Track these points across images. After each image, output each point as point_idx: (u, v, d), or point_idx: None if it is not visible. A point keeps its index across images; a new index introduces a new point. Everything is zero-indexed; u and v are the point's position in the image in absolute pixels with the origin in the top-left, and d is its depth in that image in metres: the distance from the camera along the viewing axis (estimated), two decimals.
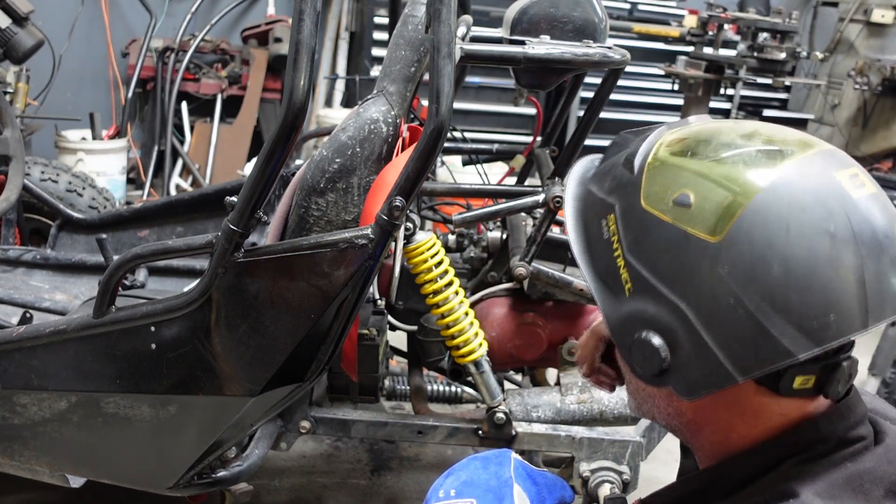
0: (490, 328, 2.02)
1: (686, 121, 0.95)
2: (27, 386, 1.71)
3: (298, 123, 1.40)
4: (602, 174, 0.97)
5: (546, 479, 0.98)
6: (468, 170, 3.26)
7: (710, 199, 0.81)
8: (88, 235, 2.69)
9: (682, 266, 0.82)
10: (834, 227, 0.78)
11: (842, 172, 0.82)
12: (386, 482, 2.60)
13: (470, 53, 1.72)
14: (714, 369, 0.81)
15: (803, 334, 0.77)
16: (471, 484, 0.96)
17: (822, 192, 0.80)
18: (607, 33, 1.97)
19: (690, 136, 0.89)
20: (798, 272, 0.77)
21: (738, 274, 0.79)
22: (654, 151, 0.90)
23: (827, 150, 0.85)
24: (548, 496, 0.96)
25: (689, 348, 0.82)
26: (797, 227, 0.78)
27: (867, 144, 5.84)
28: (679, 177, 0.85)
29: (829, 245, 0.78)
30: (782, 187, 0.80)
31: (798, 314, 0.77)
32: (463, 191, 2.46)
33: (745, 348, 0.79)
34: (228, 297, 1.54)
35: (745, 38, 4.97)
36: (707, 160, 0.84)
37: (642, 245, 0.86)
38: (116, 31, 5.00)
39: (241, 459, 1.80)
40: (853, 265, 0.78)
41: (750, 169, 0.82)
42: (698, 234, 0.81)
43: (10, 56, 2.84)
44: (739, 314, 0.79)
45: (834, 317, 0.77)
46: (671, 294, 0.83)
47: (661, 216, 0.85)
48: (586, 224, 0.96)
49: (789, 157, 0.82)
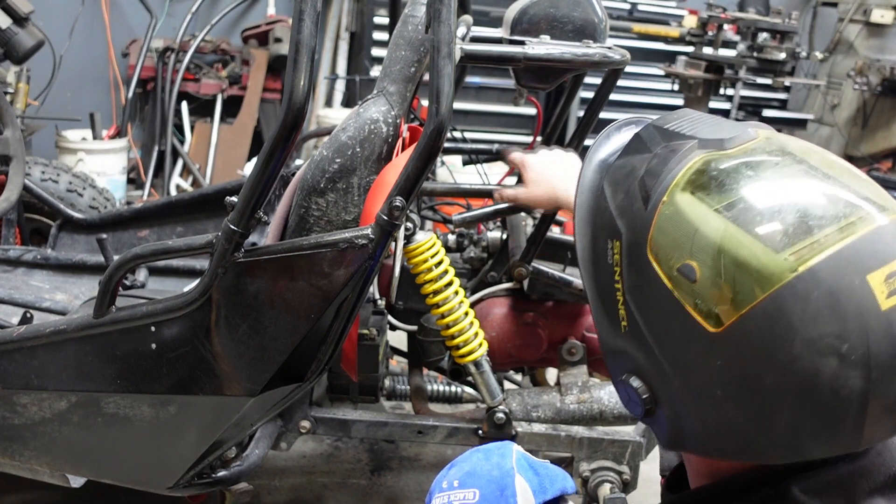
0: (490, 328, 2.02)
1: (739, 134, 0.79)
2: (27, 386, 1.71)
3: (298, 123, 1.40)
4: (619, 176, 0.86)
5: (548, 471, 0.98)
6: (468, 170, 3.26)
7: (716, 285, 0.72)
8: (89, 235, 2.69)
9: (677, 339, 0.75)
10: (847, 347, 0.68)
11: (879, 272, 0.69)
12: (386, 482, 2.60)
13: (470, 53, 1.72)
14: (693, 439, 0.79)
15: (785, 447, 0.73)
16: (473, 475, 0.96)
17: (844, 302, 0.68)
18: (607, 33, 1.97)
19: (728, 173, 0.75)
20: (793, 389, 0.70)
21: (731, 372, 0.72)
22: (671, 188, 0.77)
23: (877, 230, 0.71)
24: (549, 487, 0.96)
25: (672, 412, 0.79)
26: (803, 341, 0.69)
27: (867, 145, 5.85)
28: (689, 239, 0.74)
29: (835, 367, 0.69)
30: (801, 287, 0.69)
31: (784, 428, 0.72)
32: (463, 191, 2.46)
33: (725, 437, 0.76)
34: (228, 297, 1.54)
35: (745, 38, 4.98)
36: (731, 220, 0.72)
37: (642, 294, 0.79)
38: (117, 31, 5.01)
39: (241, 459, 1.80)
40: (859, 389, 0.69)
41: (772, 255, 0.70)
42: (696, 316, 0.73)
43: (10, 56, 2.85)
44: (726, 408, 0.74)
45: (823, 436, 0.71)
46: (662, 357, 0.77)
47: (662, 277, 0.75)
48: (595, 231, 0.88)
49: (828, 243, 0.69)
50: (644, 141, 0.85)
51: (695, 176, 0.76)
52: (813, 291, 0.69)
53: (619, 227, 0.82)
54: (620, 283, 0.81)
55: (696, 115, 0.86)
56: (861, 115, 5.82)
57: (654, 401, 0.80)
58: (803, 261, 0.69)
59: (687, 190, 0.76)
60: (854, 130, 5.87)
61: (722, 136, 0.78)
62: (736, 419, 0.74)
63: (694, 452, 0.81)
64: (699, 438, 0.78)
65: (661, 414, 0.80)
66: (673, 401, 0.78)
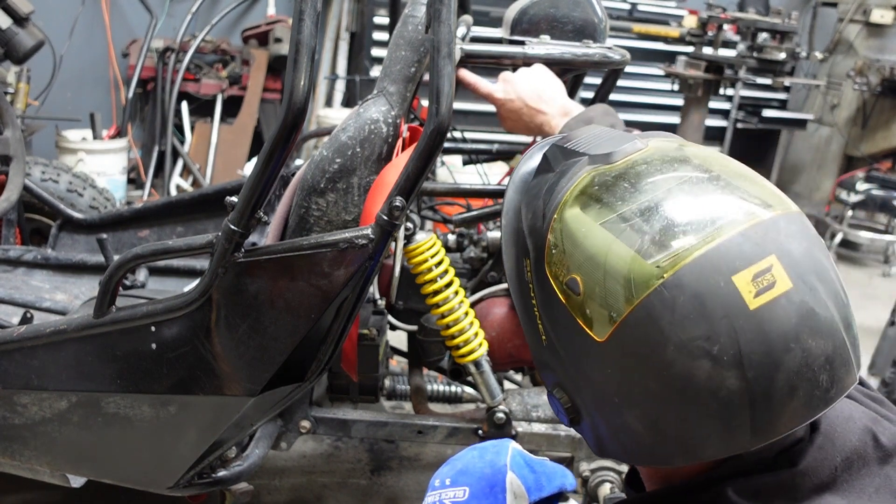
0: (490, 328, 2.02)
1: (625, 146, 0.81)
2: (27, 386, 1.71)
3: (298, 123, 1.40)
4: (530, 197, 0.88)
5: (545, 468, 0.98)
6: (468, 170, 3.26)
7: (596, 296, 0.74)
8: (89, 235, 2.69)
9: (577, 350, 0.78)
10: (717, 348, 0.69)
11: (746, 272, 0.70)
12: (386, 482, 2.60)
13: (470, 53, 1.72)
14: (611, 446, 0.81)
15: (682, 450, 0.74)
16: (465, 473, 0.97)
17: (710, 304, 0.70)
18: (607, 33, 1.97)
19: (608, 187, 0.77)
20: (674, 393, 0.71)
21: (621, 380, 0.74)
22: (560, 205, 0.80)
23: (745, 232, 0.71)
24: (546, 484, 0.96)
25: (590, 421, 0.81)
26: (675, 345, 0.70)
27: (866, 145, 5.84)
28: (574, 252, 0.77)
29: (708, 368, 0.70)
30: (668, 293, 0.70)
31: (676, 431, 0.73)
32: (463, 191, 2.46)
33: (632, 444, 0.78)
34: (228, 297, 1.54)
35: (745, 38, 4.98)
36: (610, 232, 0.74)
37: (548, 310, 0.81)
38: (117, 31, 5.01)
39: (242, 459, 1.80)
40: (737, 388, 0.70)
41: (642, 264, 0.72)
42: (585, 328, 0.75)
43: (10, 56, 2.84)
44: (625, 415, 0.76)
45: (714, 437, 0.72)
46: (572, 368, 0.79)
47: (557, 292, 0.78)
48: (516, 251, 0.90)
49: (694, 248, 0.71)
50: (549, 161, 0.89)
51: (581, 191, 0.79)
52: (679, 296, 0.70)
53: (528, 245, 0.85)
54: (535, 299, 0.84)
55: (598, 131, 0.88)
56: (861, 115, 5.82)
57: (576, 410, 0.82)
58: (669, 267, 0.71)
59: (574, 205, 0.79)
60: (854, 130, 5.87)
61: (608, 150, 0.81)
62: (635, 426, 0.76)
63: (615, 459, 0.83)
64: (614, 446, 0.80)
65: (584, 423, 0.83)
66: (588, 410, 0.81)
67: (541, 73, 1.72)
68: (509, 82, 1.71)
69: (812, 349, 0.71)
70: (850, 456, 0.79)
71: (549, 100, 1.66)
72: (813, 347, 0.71)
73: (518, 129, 1.73)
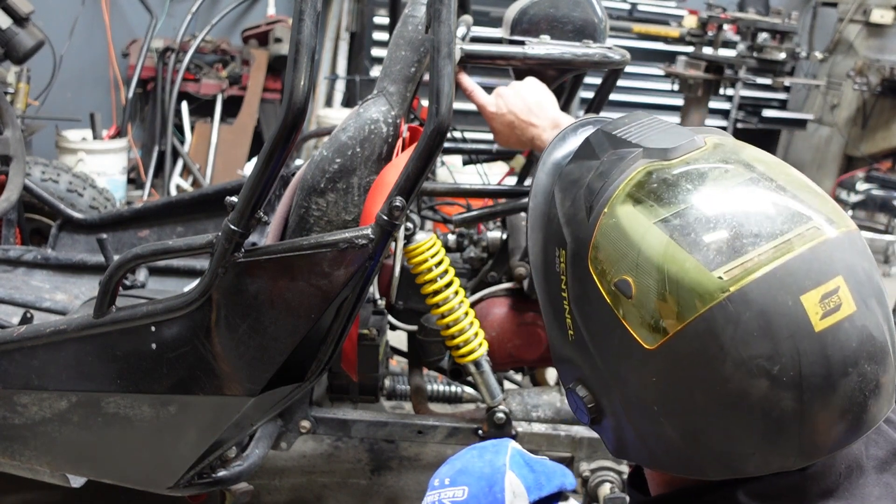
0: (490, 328, 2.02)
1: (684, 143, 0.77)
2: (27, 386, 1.71)
3: (298, 123, 1.40)
4: (567, 183, 0.84)
5: (545, 467, 0.98)
6: (468, 170, 3.26)
7: (651, 302, 0.70)
8: (89, 235, 2.69)
9: (616, 352, 0.75)
10: (778, 369, 0.67)
11: (814, 292, 0.67)
12: (386, 482, 2.60)
13: (470, 53, 1.72)
14: (634, 451, 0.79)
15: (721, 463, 0.73)
16: (465, 472, 0.96)
17: (776, 323, 0.67)
18: (607, 33, 1.97)
19: (669, 185, 0.73)
20: (725, 409, 0.69)
21: (665, 389, 0.72)
22: (612, 199, 0.76)
23: (814, 249, 0.69)
24: (546, 483, 0.96)
25: (615, 423, 0.79)
26: (734, 362, 0.68)
27: (867, 145, 5.85)
28: (628, 252, 0.72)
29: (766, 388, 0.68)
30: (733, 308, 0.68)
31: (717, 446, 0.72)
32: (463, 191, 2.46)
33: (663, 451, 0.76)
34: (228, 297, 1.54)
35: (745, 38, 4.98)
36: (669, 235, 0.71)
37: (584, 306, 0.77)
38: (117, 31, 5.01)
39: (242, 459, 1.80)
40: (791, 409, 0.68)
41: (705, 274, 0.68)
42: (632, 332, 0.72)
43: (10, 56, 2.84)
44: (662, 423, 0.73)
45: (758, 455, 0.71)
46: (603, 368, 0.77)
47: (602, 291, 0.74)
48: (545, 237, 0.86)
49: (762, 263, 0.68)
50: (592, 147, 0.84)
51: (636, 187, 0.75)
52: (744, 312, 0.67)
53: (565, 236, 0.80)
54: (566, 292, 0.80)
55: (648, 120, 0.84)
56: (861, 115, 5.82)
57: (599, 410, 0.80)
58: (736, 280, 0.68)
59: (628, 201, 0.74)
60: (854, 130, 5.88)
61: (666, 145, 0.77)
62: (671, 435, 0.74)
63: (637, 463, 0.81)
64: (640, 451, 0.79)
65: (607, 423, 0.80)
66: (615, 412, 0.78)
67: (532, 86, 1.71)
68: (501, 97, 1.71)
69: (867, 374, 0.70)
70: (850, 464, 0.78)
71: (539, 113, 1.66)
72: (868, 372, 0.70)
73: (511, 143, 1.72)
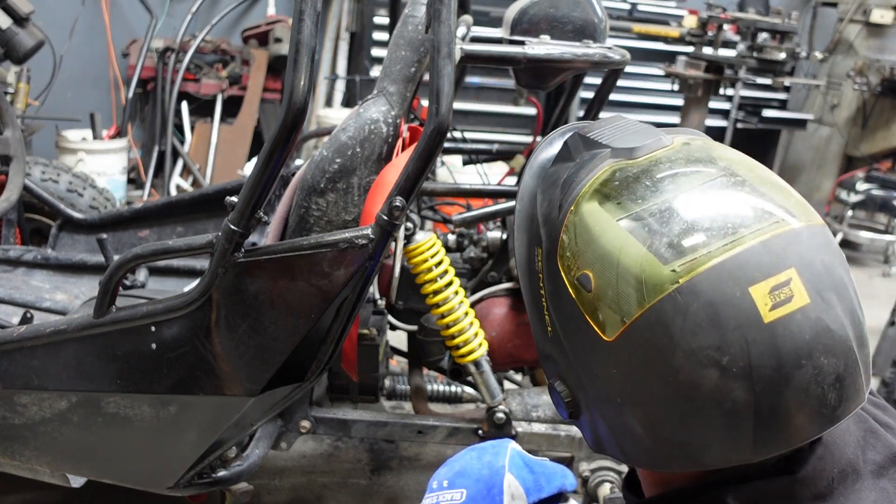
0: (490, 328, 2.02)
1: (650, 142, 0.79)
2: (28, 386, 1.71)
3: (298, 123, 1.40)
4: (547, 185, 0.86)
5: (545, 468, 0.98)
6: (468, 170, 3.26)
7: (608, 294, 0.72)
8: (89, 235, 2.69)
9: (583, 346, 0.77)
10: (727, 359, 0.68)
11: (763, 284, 0.68)
12: (386, 482, 2.60)
13: (470, 53, 1.72)
14: (608, 444, 0.80)
15: (681, 456, 0.74)
16: (463, 474, 0.97)
17: (724, 314, 0.68)
18: (607, 33, 1.97)
19: (630, 183, 0.75)
20: (678, 398, 0.70)
21: (625, 381, 0.73)
22: (578, 197, 0.78)
23: (766, 242, 0.69)
24: (546, 485, 0.96)
25: (590, 417, 0.81)
26: (684, 353, 0.69)
27: (867, 145, 5.84)
28: (588, 248, 0.75)
29: (716, 378, 0.68)
30: (682, 299, 0.69)
31: (677, 436, 0.73)
32: (463, 191, 2.47)
33: (630, 444, 0.77)
34: (228, 297, 1.54)
35: (745, 38, 4.98)
36: (627, 230, 0.72)
37: (557, 302, 0.80)
38: (117, 31, 5.01)
39: (242, 459, 1.81)
40: (742, 401, 0.69)
41: (658, 267, 0.70)
42: (593, 324, 0.74)
43: (10, 56, 2.84)
44: (624, 415, 0.75)
45: (715, 447, 0.71)
46: (576, 363, 0.79)
47: (568, 286, 0.77)
48: (528, 237, 0.88)
49: (712, 255, 0.69)
50: (569, 149, 0.86)
51: (601, 185, 0.77)
52: (692, 303, 0.69)
53: (542, 235, 0.83)
54: (544, 289, 0.82)
55: (623, 122, 0.85)
56: (861, 115, 5.82)
57: (576, 405, 0.82)
58: (686, 273, 0.69)
59: (593, 199, 0.76)
60: (854, 130, 5.87)
61: (633, 145, 0.79)
62: (635, 427, 0.75)
63: (612, 456, 0.82)
64: (612, 444, 0.80)
65: (584, 418, 0.82)
66: (588, 406, 0.80)
67: None
68: None
69: (823, 367, 0.69)
70: (845, 468, 0.78)
71: None
72: (825, 365, 0.69)
73: None
